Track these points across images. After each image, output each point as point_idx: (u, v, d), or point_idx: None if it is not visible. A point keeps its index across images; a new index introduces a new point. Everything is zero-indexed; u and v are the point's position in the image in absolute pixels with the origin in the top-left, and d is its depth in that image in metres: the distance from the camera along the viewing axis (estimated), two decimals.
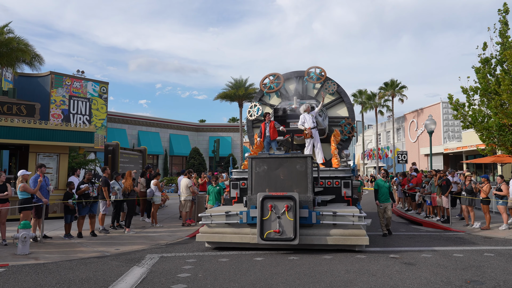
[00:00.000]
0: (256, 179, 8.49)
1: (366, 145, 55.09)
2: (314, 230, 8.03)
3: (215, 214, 8.45)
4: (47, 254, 7.96)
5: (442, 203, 12.84)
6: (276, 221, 7.74)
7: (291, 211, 7.70)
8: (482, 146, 17.87)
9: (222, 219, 8.38)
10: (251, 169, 8.47)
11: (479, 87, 16.14)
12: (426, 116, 35.31)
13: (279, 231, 7.66)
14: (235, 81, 38.92)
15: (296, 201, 7.71)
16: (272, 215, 7.78)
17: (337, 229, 7.97)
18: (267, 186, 8.44)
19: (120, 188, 11.31)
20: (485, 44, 16.09)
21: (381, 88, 46.07)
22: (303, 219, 7.91)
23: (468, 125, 16.89)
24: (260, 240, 7.74)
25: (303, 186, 8.24)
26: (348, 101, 12.61)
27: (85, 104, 30.21)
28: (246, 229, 8.21)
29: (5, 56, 17.66)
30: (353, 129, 12.20)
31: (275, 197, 7.85)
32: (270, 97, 12.93)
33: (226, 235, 8.31)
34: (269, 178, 8.53)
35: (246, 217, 8.14)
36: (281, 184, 8.40)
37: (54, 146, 13.70)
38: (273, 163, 8.57)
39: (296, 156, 8.54)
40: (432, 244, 9.22)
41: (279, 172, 8.55)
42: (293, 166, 8.45)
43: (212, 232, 8.42)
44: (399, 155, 28.25)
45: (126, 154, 17.31)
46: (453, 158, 36.33)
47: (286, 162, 8.54)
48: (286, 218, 7.70)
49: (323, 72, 12.51)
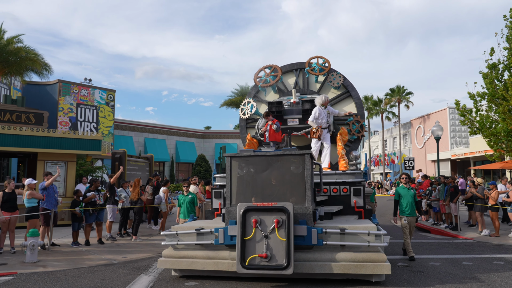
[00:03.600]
0: (238, 184, 6.43)
1: (372, 151, 54.88)
2: (315, 254, 5.95)
3: (182, 232, 6.45)
4: (55, 262, 7.99)
5: (451, 210, 12.74)
6: (263, 241, 5.72)
7: (283, 228, 5.70)
8: (490, 152, 17.73)
9: (192, 239, 6.36)
10: (230, 171, 6.39)
11: (487, 93, 16.05)
12: (432, 122, 35.13)
13: (266, 256, 5.60)
14: (240, 88, 39.13)
15: (289, 214, 5.68)
16: (258, 233, 5.75)
17: (346, 252, 5.88)
18: (252, 194, 6.39)
19: (127, 195, 11.37)
20: (492, 50, 16.03)
21: (387, 94, 45.97)
22: (300, 239, 5.85)
23: (476, 131, 16.79)
24: (240, 268, 5.67)
25: (299, 193, 6.16)
26: (356, 96, 10.79)
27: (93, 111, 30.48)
28: (223, 253, 6.17)
29: (14, 65, 17.92)
30: (362, 128, 10.39)
31: (261, 209, 5.82)
32: (266, 92, 11.19)
33: (197, 260, 6.29)
34: (255, 183, 6.48)
35: (223, 236, 6.04)
36: (271, 191, 6.31)
37: (62, 154, 13.82)
38: (259, 164, 6.48)
39: (289, 154, 6.34)
40: (440, 251, 9.14)
41: (268, 175, 6.49)
42: (286, 167, 6.40)
43: (178, 256, 6.40)
44: (406, 161, 28.13)
45: (133, 161, 17.40)
46: (461, 164, 36.03)
47: (277, 161, 6.44)
48: (277, 237, 5.68)
49: (327, 62, 10.80)
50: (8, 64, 17.63)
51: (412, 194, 8.43)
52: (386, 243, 5.80)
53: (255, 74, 11.10)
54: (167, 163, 39.19)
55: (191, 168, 40.15)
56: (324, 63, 10.81)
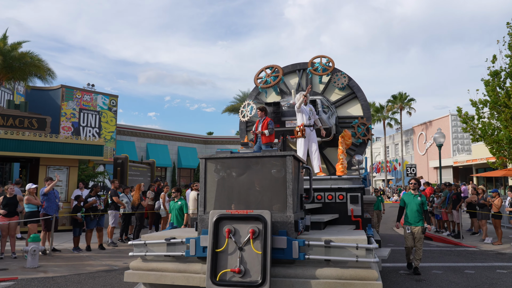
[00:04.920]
0: (213, 189, 5.84)
1: (374, 157, 54.80)
2: (297, 269, 5.16)
3: (152, 241, 5.83)
4: (56, 267, 7.98)
5: (453, 218, 12.68)
6: (237, 254, 5.05)
7: (259, 239, 5.02)
8: (493, 160, 17.68)
9: (162, 250, 5.75)
10: (204, 175, 5.75)
11: (489, 100, 16.04)
12: (434, 129, 35.08)
13: (239, 271, 4.92)
14: (243, 94, 39.20)
15: (266, 223, 4.98)
16: (231, 244, 5.08)
17: (331, 268, 5.09)
18: (228, 200, 5.74)
19: (128, 201, 11.38)
20: (494, 57, 16.04)
21: (389, 101, 46.01)
22: (279, 252, 5.11)
23: (478, 138, 16.75)
24: (210, 284, 5.02)
25: (280, 200, 5.42)
26: (362, 97, 10.22)
27: (95, 117, 30.58)
28: (195, 266, 5.50)
29: (18, 70, 18.02)
30: (368, 131, 9.75)
31: (235, 217, 5.17)
32: (267, 94, 10.74)
33: (166, 273, 5.63)
34: (232, 188, 5.86)
35: (194, 247, 5.39)
36: (250, 198, 5.65)
37: (64, 159, 13.85)
38: (237, 166, 5.85)
39: (269, 155, 5.62)
40: (443, 259, 9.08)
41: (246, 180, 5.83)
42: (267, 171, 5.73)
43: (147, 269, 5.74)
44: (408, 168, 28.02)
45: (135, 167, 17.43)
46: (463, 171, 35.93)
47: (257, 164, 5.73)
48: (252, 250, 4.98)
49: (331, 62, 10.24)
50: (12, 69, 17.74)
51: (418, 202, 7.73)
52: (377, 259, 4.96)
53: (255, 75, 10.65)
54: (169, 169, 39.19)
55: (193, 173, 40.16)
56: (327, 63, 10.28)
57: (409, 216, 7.74)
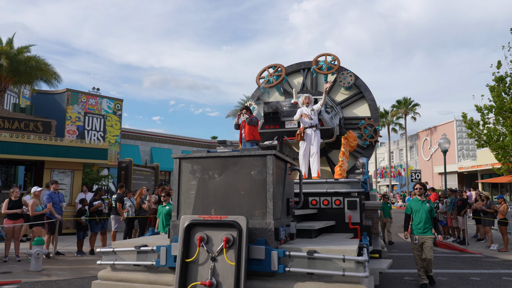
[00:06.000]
0: (188, 192, 5.26)
1: (378, 163, 54.60)
2: (277, 283, 4.53)
3: (121, 249, 5.28)
4: (59, 271, 7.98)
5: (458, 224, 12.59)
6: (209, 264, 4.46)
7: (233, 248, 4.43)
8: (498, 165, 17.54)
9: (132, 258, 5.19)
10: (178, 176, 5.17)
11: (494, 106, 15.95)
12: (439, 134, 34.93)
13: (210, 284, 4.35)
14: (247, 99, 39.24)
15: (241, 231, 4.38)
16: (202, 254, 4.51)
17: (315, 282, 4.47)
18: (204, 204, 5.14)
19: (132, 205, 11.38)
20: (499, 63, 15.97)
21: (394, 106, 45.91)
22: (256, 263, 4.51)
23: (483, 144, 16.65)
24: None
25: (260, 205, 4.80)
26: (370, 97, 9.64)
27: (100, 120, 30.73)
28: (167, 277, 4.95)
29: (24, 74, 18.15)
30: (376, 133, 9.20)
31: (208, 224, 4.58)
32: (270, 94, 10.22)
33: (136, 285, 5.07)
34: (209, 191, 5.26)
35: (165, 256, 4.84)
36: (226, 202, 5.03)
37: (68, 163, 13.92)
38: (214, 167, 5.25)
39: (248, 155, 4.94)
40: (448, 266, 9.00)
41: (224, 182, 5.20)
42: (246, 172, 5.09)
43: (116, 279, 5.23)
44: (412, 173, 27.88)
45: (139, 170, 17.46)
46: (468, 177, 35.70)
47: (235, 164, 5.09)
48: (225, 261, 4.39)
49: (336, 60, 9.66)
50: (18, 73, 17.87)
51: (427, 209, 7.06)
52: (367, 273, 4.33)
53: (257, 74, 10.11)
54: (173, 173, 39.30)
55: None
56: (333, 61, 9.70)
57: (417, 225, 7.08)
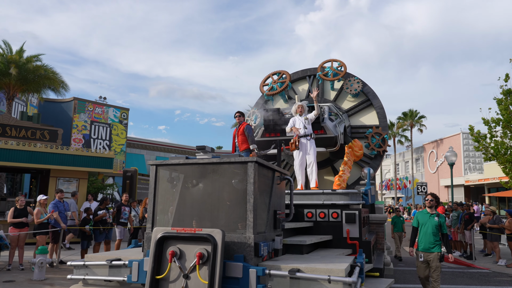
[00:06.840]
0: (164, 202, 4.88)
1: (384, 175, 54.30)
2: None
3: (93, 263, 4.88)
4: (62, 280, 7.95)
5: (465, 238, 12.42)
6: (180, 282, 4.02)
7: (207, 265, 3.97)
8: (506, 179, 17.37)
9: (104, 273, 4.80)
10: (154, 184, 4.76)
11: (501, 119, 15.86)
12: (446, 147, 34.74)
13: None
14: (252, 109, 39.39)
15: (216, 245, 3.93)
16: (174, 270, 4.07)
17: None
18: (181, 216, 4.77)
19: (136, 214, 11.37)
20: (507, 76, 15.91)
21: (400, 118, 45.84)
22: (233, 281, 4.07)
23: (490, 157, 16.51)
24: None
25: (240, 217, 4.37)
26: (378, 105, 9.21)
27: (106, 129, 30.90)
28: None
29: (32, 82, 18.36)
30: (384, 142, 8.75)
31: (181, 237, 4.14)
32: (274, 101, 9.98)
33: None
34: (186, 201, 4.87)
35: (137, 272, 4.45)
36: (205, 213, 4.65)
37: (74, 171, 13.97)
38: (193, 175, 4.86)
39: (228, 162, 4.50)
40: (455, 281, 8.85)
41: (203, 191, 4.86)
42: (226, 180, 4.67)
43: None
44: (418, 186, 27.67)
45: (144, 180, 17.47)
46: (475, 190, 35.36)
47: (214, 173, 4.68)
48: (198, 278, 3.93)
49: (343, 66, 9.29)
50: (26, 81, 18.08)
51: (435, 224, 6.29)
52: None
53: (261, 81, 9.88)
54: None
55: None
56: (339, 67, 9.38)
57: (423, 240, 6.36)
